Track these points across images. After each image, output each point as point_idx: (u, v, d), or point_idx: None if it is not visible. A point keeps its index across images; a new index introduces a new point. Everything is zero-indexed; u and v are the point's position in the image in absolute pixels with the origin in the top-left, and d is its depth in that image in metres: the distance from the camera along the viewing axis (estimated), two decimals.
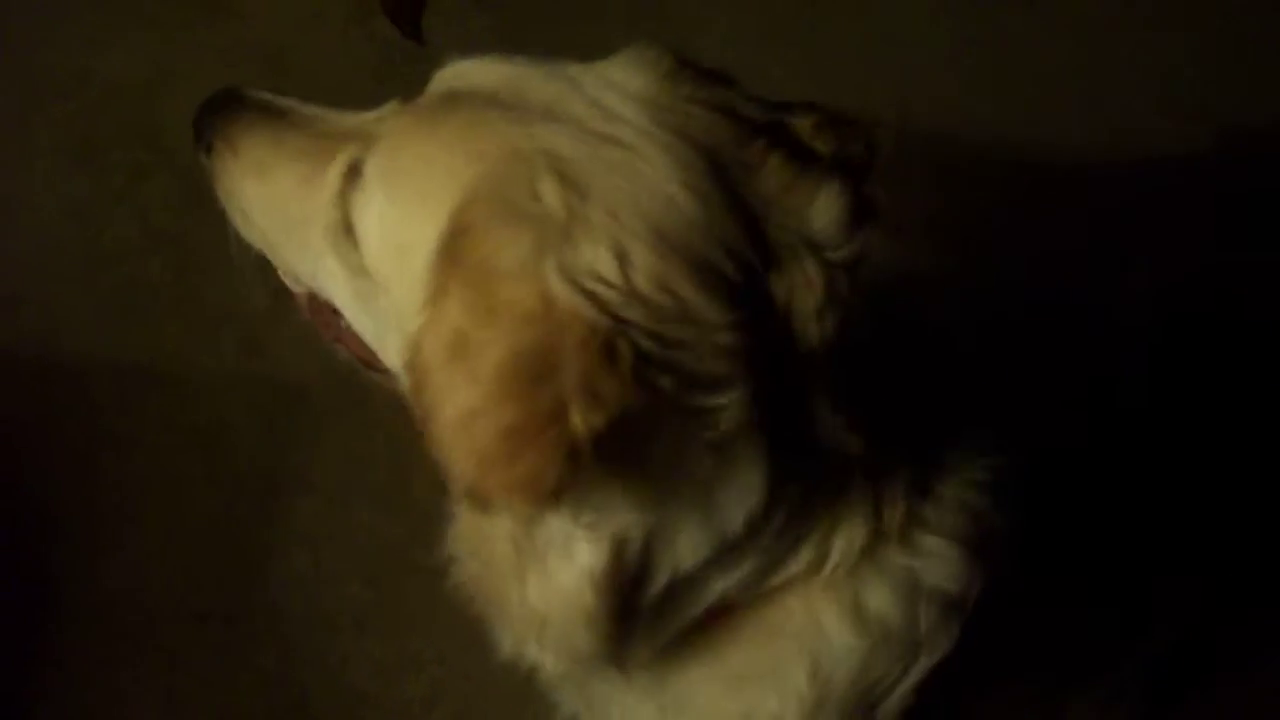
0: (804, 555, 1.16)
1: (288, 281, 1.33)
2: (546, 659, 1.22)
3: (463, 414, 0.95)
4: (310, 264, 1.24)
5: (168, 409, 2.40)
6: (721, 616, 1.21)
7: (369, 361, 1.27)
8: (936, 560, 1.23)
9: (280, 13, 2.83)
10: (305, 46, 2.79)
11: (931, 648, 1.26)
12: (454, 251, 0.99)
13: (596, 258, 0.96)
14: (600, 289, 0.95)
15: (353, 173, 1.15)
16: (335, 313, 1.27)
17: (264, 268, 1.35)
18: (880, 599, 1.21)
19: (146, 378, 2.42)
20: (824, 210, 1.05)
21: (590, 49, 1.10)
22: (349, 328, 1.26)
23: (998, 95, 2.75)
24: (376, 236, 1.11)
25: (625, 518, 1.07)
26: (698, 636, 1.22)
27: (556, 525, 1.09)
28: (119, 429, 2.38)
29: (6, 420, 2.39)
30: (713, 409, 0.99)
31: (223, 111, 1.31)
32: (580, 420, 0.92)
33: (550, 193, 0.99)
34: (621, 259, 0.97)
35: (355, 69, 2.76)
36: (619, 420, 0.93)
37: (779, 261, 1.03)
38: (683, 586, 1.14)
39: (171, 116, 2.70)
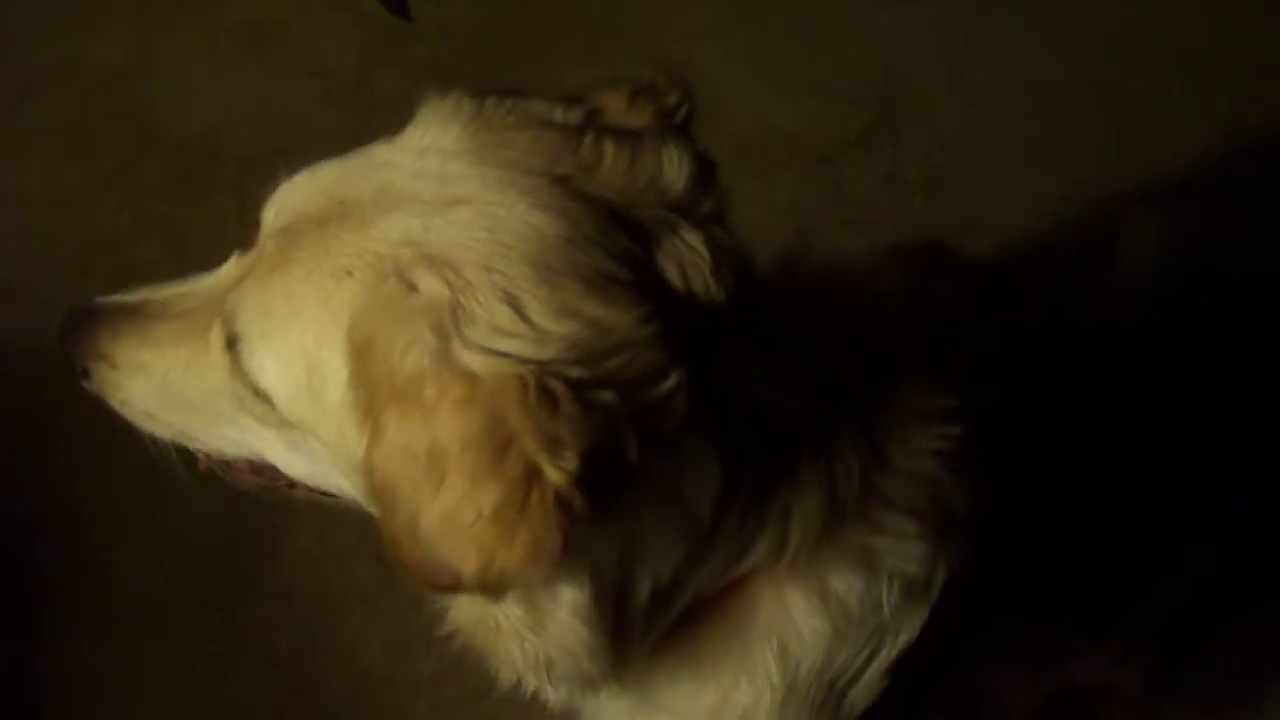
0: (766, 538, 1.16)
1: (216, 463, 1.31)
2: (556, 693, 1.23)
3: (443, 516, 0.93)
4: (233, 433, 1.22)
5: None
6: (691, 611, 1.21)
7: (328, 493, 1.23)
8: (896, 537, 1.22)
9: None
10: (291, 28, 2.78)
11: (897, 631, 1.27)
12: (365, 372, 0.97)
13: (492, 315, 0.96)
14: (508, 344, 0.95)
15: (231, 344, 1.12)
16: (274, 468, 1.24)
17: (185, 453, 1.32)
18: (842, 580, 1.22)
19: None
20: (673, 174, 1.06)
21: (575, 25, 1.06)
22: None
23: (989, 57, 2.75)
24: (284, 390, 1.09)
25: (596, 547, 1.06)
26: (667, 633, 1.22)
27: None
28: (118, 417, 2.36)
29: (5, 411, 2.39)
30: (663, 400, 0.98)
31: (82, 331, 1.27)
32: (554, 471, 0.91)
33: (424, 278, 0.98)
34: (514, 305, 0.96)
35: (342, 50, 2.75)
36: (591, 453, 0.92)
37: (658, 241, 1.03)
38: (664, 592, 1.15)
39: (159, 101, 2.70)
